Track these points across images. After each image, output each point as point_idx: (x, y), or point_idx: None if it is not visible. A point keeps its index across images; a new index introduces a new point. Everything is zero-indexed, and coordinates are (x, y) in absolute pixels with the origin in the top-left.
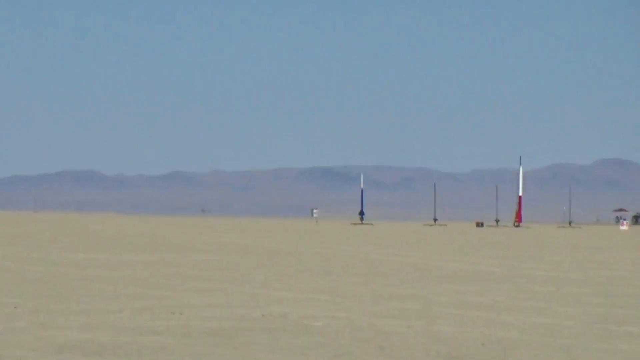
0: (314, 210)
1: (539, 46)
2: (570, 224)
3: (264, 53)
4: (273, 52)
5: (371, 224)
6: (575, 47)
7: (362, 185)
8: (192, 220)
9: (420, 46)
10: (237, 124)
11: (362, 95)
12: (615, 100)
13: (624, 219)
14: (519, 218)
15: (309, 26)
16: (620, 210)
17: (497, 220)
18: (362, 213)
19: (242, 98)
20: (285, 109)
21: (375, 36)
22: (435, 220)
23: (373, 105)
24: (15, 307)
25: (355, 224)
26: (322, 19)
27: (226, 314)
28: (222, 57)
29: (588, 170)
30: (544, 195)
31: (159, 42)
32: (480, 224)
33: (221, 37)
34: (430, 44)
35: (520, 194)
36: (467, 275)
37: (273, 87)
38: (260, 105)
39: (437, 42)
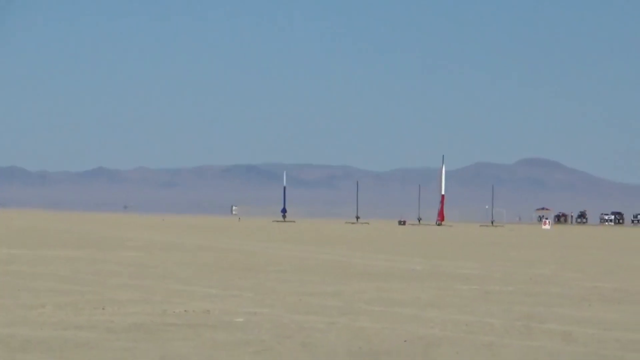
0: (234, 207)
1: (463, 47)
2: (492, 223)
3: (187, 50)
4: (197, 50)
5: (293, 222)
6: (497, 48)
7: (284, 183)
8: (116, 217)
9: (346, 44)
10: (161, 121)
11: (286, 93)
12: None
13: (547, 218)
14: (441, 217)
15: (233, 22)
16: (543, 209)
17: (419, 219)
18: (284, 210)
19: (165, 96)
20: (209, 107)
21: (298, 33)
22: (357, 218)
23: (297, 104)
24: None
25: (277, 221)
26: (246, 14)
27: (149, 310)
28: (145, 55)
29: (510, 170)
30: (466, 194)
31: (79, 39)
32: (402, 222)
33: (142, 34)
34: (355, 41)
35: (443, 192)
36: (390, 272)
37: (197, 84)
38: (184, 103)
39: (360, 40)
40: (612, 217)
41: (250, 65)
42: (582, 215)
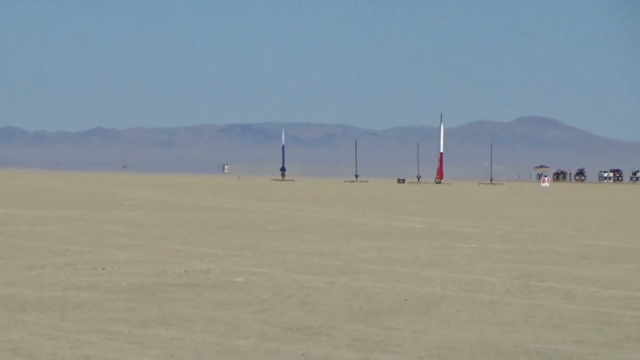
0: (225, 166)
1: (461, 3)
2: (491, 180)
3: (185, 9)
4: (195, 8)
5: (292, 181)
6: (495, 4)
7: (283, 142)
8: (114, 177)
9: (343, 1)
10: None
11: (284, 52)
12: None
13: (545, 176)
14: (440, 175)
15: None
16: (541, 167)
17: (418, 177)
18: (283, 169)
19: (163, 55)
20: (207, 66)
21: None
22: (356, 176)
23: (294, 63)
24: None
25: (276, 180)
26: None
27: (148, 270)
28: (143, 13)
29: (509, 128)
30: (465, 152)
31: None
32: (401, 181)
33: None
34: None
35: (442, 150)
36: (390, 231)
37: (195, 43)
38: (181, 62)
39: None
40: (611, 174)
41: (248, 23)
42: (580, 173)
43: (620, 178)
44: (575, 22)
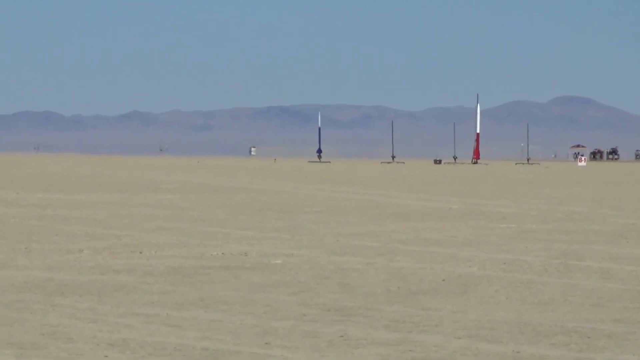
0: (252, 148)
1: None
2: (528, 160)
3: None
4: None
5: (329, 162)
6: None
7: (319, 124)
8: (150, 160)
9: None
10: (195, 63)
11: (320, 33)
12: (571, 37)
13: (582, 155)
14: (476, 155)
15: None
16: (578, 146)
17: (455, 158)
18: (319, 151)
19: (199, 38)
20: (243, 49)
21: None
22: (393, 157)
23: (331, 44)
24: None
25: (313, 162)
26: None
27: (186, 253)
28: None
29: (545, 108)
30: (501, 132)
31: None
32: (438, 161)
33: None
34: None
35: (478, 131)
36: (426, 212)
37: (232, 27)
38: (218, 46)
39: None
40: None
41: (285, 6)
42: (614, 152)
43: None
44: (613, 2)
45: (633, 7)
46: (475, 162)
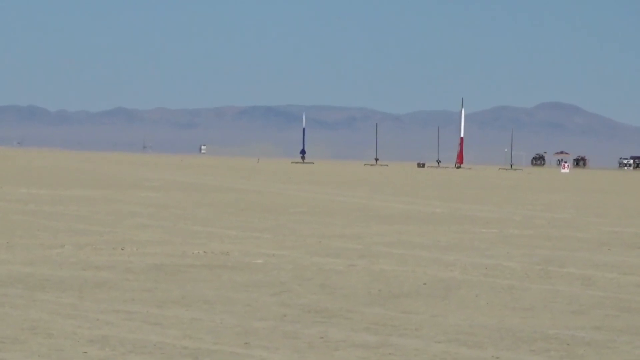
0: (202, 147)
1: None
2: (511, 166)
3: None
4: None
5: (312, 163)
6: None
7: (304, 124)
8: (134, 157)
9: None
10: (181, 61)
11: (306, 35)
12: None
13: (565, 162)
14: (460, 159)
15: None
16: (561, 153)
17: (438, 161)
18: (303, 152)
19: (185, 36)
20: (229, 48)
21: None
22: (376, 160)
23: (317, 45)
24: None
25: (296, 162)
26: None
27: (168, 251)
28: None
29: (530, 113)
30: (485, 137)
31: None
32: (421, 165)
33: None
34: None
35: (462, 135)
36: (409, 215)
37: (217, 25)
38: (203, 43)
39: None
40: (631, 161)
41: (272, 7)
42: (582, 159)
43: None
44: (599, 8)
45: (620, 14)
46: (459, 167)
